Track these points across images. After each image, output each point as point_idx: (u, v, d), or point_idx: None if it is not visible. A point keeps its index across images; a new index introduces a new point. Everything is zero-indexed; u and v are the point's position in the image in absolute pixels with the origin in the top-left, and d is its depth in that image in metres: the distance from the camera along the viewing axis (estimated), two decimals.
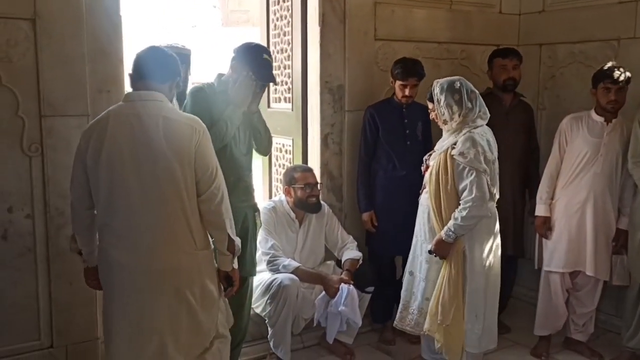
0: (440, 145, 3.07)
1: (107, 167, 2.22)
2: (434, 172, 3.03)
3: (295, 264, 3.44)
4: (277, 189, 4.32)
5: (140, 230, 2.24)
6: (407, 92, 3.56)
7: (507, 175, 3.66)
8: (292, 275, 3.36)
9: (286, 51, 4.00)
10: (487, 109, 3.06)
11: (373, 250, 3.78)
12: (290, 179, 3.59)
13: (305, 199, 3.55)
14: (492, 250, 3.07)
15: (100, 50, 3.00)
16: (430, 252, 3.06)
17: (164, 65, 2.35)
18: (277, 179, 4.30)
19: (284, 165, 4.17)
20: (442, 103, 2.98)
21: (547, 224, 3.53)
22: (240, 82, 2.91)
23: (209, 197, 2.32)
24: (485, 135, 3.00)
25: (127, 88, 3.26)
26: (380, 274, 3.67)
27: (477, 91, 3.04)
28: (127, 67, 3.07)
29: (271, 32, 4.22)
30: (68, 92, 2.93)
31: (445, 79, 3.06)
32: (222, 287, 2.55)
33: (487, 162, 2.94)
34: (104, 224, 2.29)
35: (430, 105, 3.09)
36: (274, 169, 4.33)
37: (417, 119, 3.66)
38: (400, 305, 3.28)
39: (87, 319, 3.12)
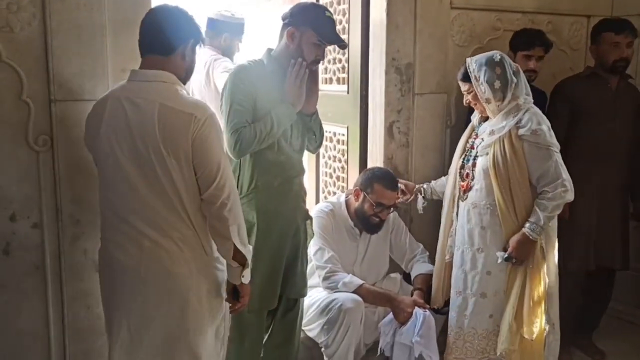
0: (495, 129, 2.58)
1: (104, 162, 2.01)
2: (497, 160, 2.55)
3: (358, 281, 2.85)
4: (325, 186, 3.72)
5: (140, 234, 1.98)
6: (531, 64, 3.03)
7: (614, 173, 3.05)
8: (355, 296, 2.77)
9: (341, 22, 3.36)
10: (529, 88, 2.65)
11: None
12: (367, 185, 2.97)
13: (368, 216, 2.95)
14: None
15: (124, 19, 2.39)
16: (508, 258, 2.57)
17: (169, 31, 2.02)
18: (325, 172, 3.70)
19: (334, 157, 3.57)
20: (481, 80, 2.56)
21: None
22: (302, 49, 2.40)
23: (209, 199, 1.98)
24: None
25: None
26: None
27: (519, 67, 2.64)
28: None
29: (321, 1, 3.58)
30: (84, 70, 2.33)
31: (479, 55, 2.61)
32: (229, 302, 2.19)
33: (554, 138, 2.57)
34: (104, 220, 2.08)
35: (464, 87, 2.67)
36: (322, 162, 3.72)
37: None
38: (452, 335, 2.73)
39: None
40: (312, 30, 2.38)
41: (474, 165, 2.67)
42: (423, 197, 3.05)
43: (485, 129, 2.65)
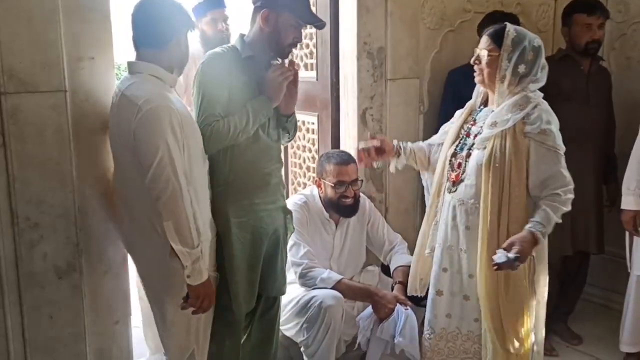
0: (498, 121, 2.26)
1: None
2: (495, 157, 2.24)
3: (336, 276, 2.74)
4: (295, 177, 3.58)
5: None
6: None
7: (590, 158, 3.03)
8: (335, 292, 2.67)
9: None
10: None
11: None
12: (321, 170, 2.86)
13: (336, 199, 2.82)
14: None
15: (79, 5, 2.19)
16: (516, 259, 2.14)
17: (163, 24, 2.06)
18: (294, 163, 3.57)
19: (304, 147, 3.44)
20: (512, 53, 2.23)
21: (638, 219, 2.87)
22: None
23: (149, 189, 1.98)
24: None
25: (119, 53, 2.54)
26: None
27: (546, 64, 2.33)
28: (117, 26, 2.33)
29: None
30: (37, 60, 2.12)
31: (522, 28, 2.35)
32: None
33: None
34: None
35: (487, 44, 2.30)
36: (290, 152, 3.58)
37: None
38: (434, 337, 2.49)
39: None
40: (288, 12, 2.23)
41: (468, 156, 2.36)
42: (398, 157, 2.61)
43: (485, 115, 2.35)
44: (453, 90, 3.05)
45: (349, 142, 3.07)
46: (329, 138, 3.19)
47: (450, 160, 2.42)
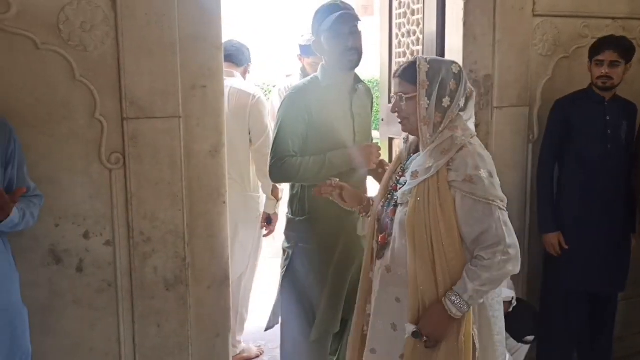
0: (419, 170, 1.89)
1: None
2: (420, 208, 1.85)
3: None
4: None
5: None
6: (603, 70, 2.82)
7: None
8: None
9: (414, 34, 3.25)
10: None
11: (559, 283, 2.99)
12: None
13: None
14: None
15: (195, 35, 2.38)
16: (416, 334, 1.84)
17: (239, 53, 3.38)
18: None
19: None
20: (432, 90, 1.86)
21: None
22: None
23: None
24: (484, 148, 1.95)
25: (227, 81, 2.72)
26: (567, 315, 2.96)
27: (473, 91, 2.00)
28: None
29: (394, 12, 3.49)
30: (156, 88, 2.33)
31: (433, 56, 2.14)
32: None
33: (499, 188, 1.87)
34: None
35: (401, 87, 1.92)
36: None
37: (621, 117, 2.88)
38: None
39: None
40: (324, 29, 2.37)
41: (393, 213, 1.97)
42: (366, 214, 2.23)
43: (415, 162, 1.96)
44: (559, 120, 2.93)
45: None
46: None
47: (379, 220, 2.04)
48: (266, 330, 2.72)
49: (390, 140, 3.57)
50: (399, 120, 1.97)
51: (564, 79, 3.14)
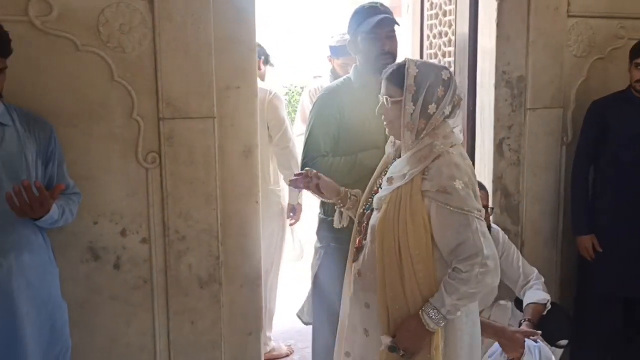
0: (395, 176, 1.86)
1: None
2: (390, 216, 1.81)
3: None
4: None
5: None
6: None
7: None
8: None
9: (446, 34, 3.24)
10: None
11: (593, 286, 2.95)
12: None
13: None
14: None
15: (229, 37, 2.42)
16: (392, 348, 1.82)
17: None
18: None
19: None
20: (418, 96, 1.81)
21: None
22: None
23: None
24: (466, 157, 1.89)
25: (260, 83, 2.75)
26: (601, 319, 2.90)
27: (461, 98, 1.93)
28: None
29: (425, 13, 3.49)
30: (191, 89, 2.37)
31: (423, 60, 2.11)
32: None
33: (477, 199, 1.82)
34: None
35: (389, 90, 1.88)
36: None
37: None
38: None
39: None
40: (362, 33, 2.36)
41: (369, 218, 1.95)
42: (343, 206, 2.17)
43: (392, 167, 1.92)
44: (596, 122, 2.90)
45: (484, 172, 3.02)
46: None
47: (359, 222, 2.02)
48: (306, 324, 2.81)
49: None
50: (385, 123, 1.94)
51: (599, 80, 3.10)
